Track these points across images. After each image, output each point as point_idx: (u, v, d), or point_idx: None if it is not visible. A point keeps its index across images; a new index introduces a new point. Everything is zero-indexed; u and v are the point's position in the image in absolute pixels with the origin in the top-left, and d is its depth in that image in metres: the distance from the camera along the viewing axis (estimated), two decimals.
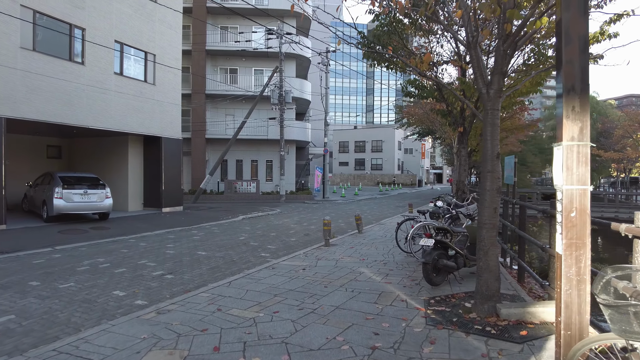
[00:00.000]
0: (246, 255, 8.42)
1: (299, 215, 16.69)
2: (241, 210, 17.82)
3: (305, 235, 11.31)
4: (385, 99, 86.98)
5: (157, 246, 9.36)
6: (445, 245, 5.50)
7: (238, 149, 28.13)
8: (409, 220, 7.93)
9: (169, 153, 16.16)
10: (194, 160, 27.23)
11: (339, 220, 14.98)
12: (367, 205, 23.35)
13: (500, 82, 4.23)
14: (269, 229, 12.52)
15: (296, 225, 13.55)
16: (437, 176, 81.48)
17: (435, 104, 10.67)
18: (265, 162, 28.68)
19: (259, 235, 11.17)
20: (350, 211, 19.17)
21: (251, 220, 14.97)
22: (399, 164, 61.89)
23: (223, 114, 28.51)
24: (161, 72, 15.77)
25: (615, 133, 30.64)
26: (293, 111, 28.35)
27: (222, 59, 28.71)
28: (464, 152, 9.53)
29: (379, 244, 9.34)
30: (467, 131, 9.48)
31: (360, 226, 11.12)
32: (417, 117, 24.91)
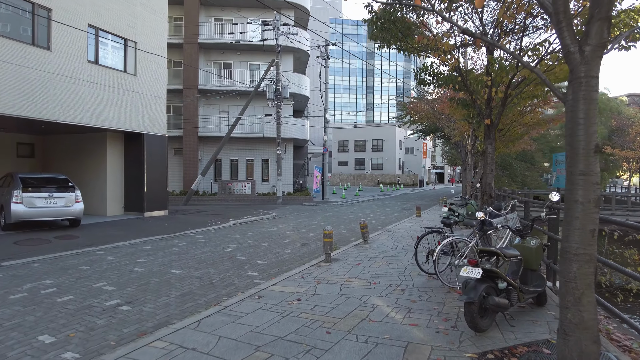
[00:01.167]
0: (229, 274, 6.88)
1: (296, 220, 15.16)
2: (233, 214, 16.29)
3: (303, 245, 9.79)
4: (385, 97, 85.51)
5: (126, 261, 7.83)
6: (496, 276, 3.97)
7: (233, 147, 26.60)
8: (432, 233, 6.39)
9: (152, 151, 14.62)
10: (186, 160, 25.70)
11: (341, 226, 13.46)
12: (369, 208, 21.84)
13: (604, 32, 2.69)
14: (262, 237, 10.98)
15: (293, 232, 12.02)
16: (438, 176, 79.99)
17: (455, 93, 9.15)
18: (261, 161, 27.15)
19: (248, 245, 9.64)
20: (352, 215, 17.65)
21: (243, 226, 13.44)
22: (399, 163, 60.40)
23: (217, 110, 26.98)
24: (143, 61, 14.22)
25: (632, 130, 29.16)
26: (291, 108, 26.82)
27: (216, 52, 27.17)
28: (491, 148, 8.01)
29: (390, 258, 7.81)
30: (494, 124, 7.98)
31: (366, 235, 9.61)
32: (423, 114, 23.41)
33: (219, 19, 26.78)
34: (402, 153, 62.16)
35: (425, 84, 9.23)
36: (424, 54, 8.18)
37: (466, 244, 5.66)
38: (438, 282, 5.94)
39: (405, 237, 10.60)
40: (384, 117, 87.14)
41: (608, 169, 36.34)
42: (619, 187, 43.74)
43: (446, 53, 7.21)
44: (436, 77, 8.97)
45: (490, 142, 7.98)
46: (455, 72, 7.97)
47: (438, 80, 9.03)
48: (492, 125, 7.90)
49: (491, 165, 8.04)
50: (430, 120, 25.20)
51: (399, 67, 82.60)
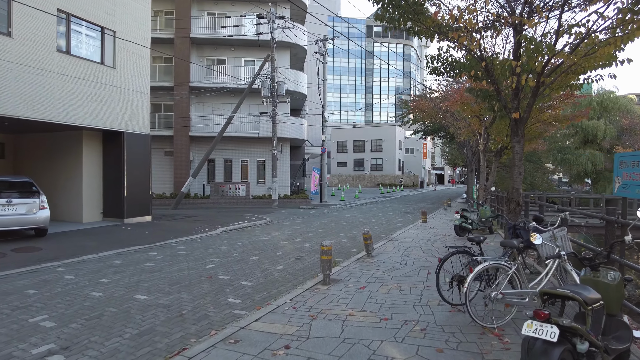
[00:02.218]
0: (205, 302, 5.61)
1: (291, 226, 13.88)
2: (223, 220, 15.01)
3: (297, 259, 8.51)
4: (384, 97, 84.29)
5: (86, 281, 6.56)
6: (574, 333, 2.69)
7: (226, 148, 25.33)
8: (459, 253, 5.10)
9: (134, 151, 13.33)
10: (177, 161, 24.42)
11: (340, 234, 12.18)
12: (370, 211, 20.58)
13: None
14: (251, 248, 9.70)
15: (287, 242, 10.74)
16: (438, 177, 78.82)
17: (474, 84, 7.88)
18: (256, 162, 25.86)
19: (234, 260, 8.36)
20: (353, 220, 16.38)
21: (232, 234, 12.15)
22: (399, 164, 59.17)
23: (210, 109, 25.71)
24: (124, 53, 12.94)
25: None
26: (287, 105, 25.55)
27: (209, 48, 25.89)
28: (519, 146, 6.75)
29: (400, 279, 6.55)
30: (523, 118, 6.72)
31: (369, 247, 8.34)
32: (427, 112, 22.18)
33: (212, 13, 25.51)
34: (401, 153, 60.94)
35: (438, 73, 7.98)
36: (439, 36, 6.93)
37: (505, 270, 4.39)
38: (464, 315, 4.68)
39: (414, 248, 9.34)
40: (383, 117, 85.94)
41: None
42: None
43: (467, 33, 5.97)
44: (451, 65, 7.72)
45: (519, 140, 6.72)
46: (477, 57, 6.72)
47: (454, 69, 7.77)
48: (521, 120, 6.64)
49: (519, 166, 6.78)
50: (434, 119, 23.96)
51: (398, 66, 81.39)
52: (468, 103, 13.11)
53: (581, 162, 31.56)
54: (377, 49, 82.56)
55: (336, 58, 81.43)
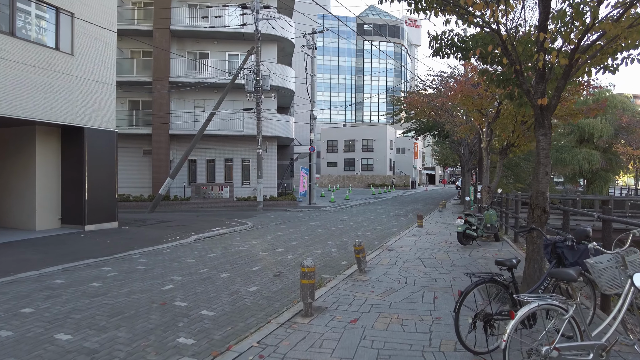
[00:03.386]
0: (146, 345, 4.21)
1: (275, 233, 12.51)
2: (200, 225, 13.58)
3: (276, 276, 7.15)
4: (375, 96, 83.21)
5: (1, 313, 5.13)
6: None
7: (209, 147, 23.88)
8: (485, 283, 3.75)
9: (97, 149, 11.86)
10: (156, 161, 22.87)
11: (329, 242, 10.84)
12: (361, 214, 19.28)
13: None
14: (224, 261, 8.32)
15: (267, 253, 9.37)
16: (429, 177, 78.06)
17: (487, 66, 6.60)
18: (241, 162, 24.42)
19: (200, 279, 6.97)
20: (343, 224, 15.06)
21: (206, 242, 10.75)
22: (390, 164, 58.11)
23: (191, 105, 24.24)
24: (84, 38, 11.46)
25: None
26: (274, 102, 24.17)
27: (191, 41, 24.41)
28: (545, 140, 5.48)
29: (401, 306, 5.23)
30: (552, 105, 5.45)
31: (362, 262, 7.01)
32: (421, 108, 20.97)
33: (194, 4, 24.01)
34: (392, 153, 59.90)
35: (443, 54, 6.67)
36: (447, 9, 5.64)
37: (560, 314, 3.07)
38: None
39: (413, 260, 8.04)
40: (374, 117, 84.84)
41: (612, 170, 34.36)
42: (617, 189, 41.90)
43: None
44: (458, 45, 6.43)
45: (545, 133, 5.45)
46: (494, 31, 5.43)
47: (462, 49, 6.48)
48: (549, 107, 5.37)
49: (545, 165, 5.49)
50: (428, 116, 22.78)
51: (389, 65, 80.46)
52: (469, 95, 11.87)
53: (577, 162, 30.68)
54: (367, 47, 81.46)
55: (326, 56, 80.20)
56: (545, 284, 3.81)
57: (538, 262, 5.54)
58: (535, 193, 5.57)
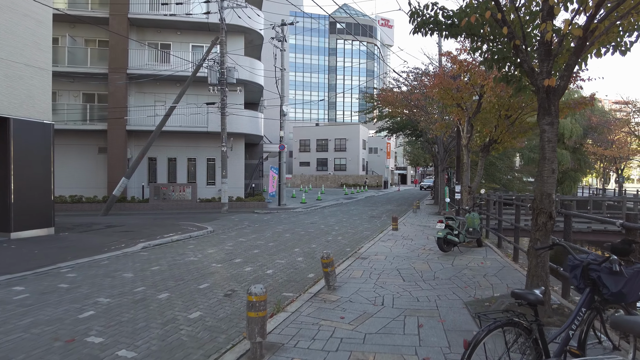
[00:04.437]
0: None
1: (236, 239, 11.22)
2: (152, 231, 12.15)
3: (227, 296, 5.92)
4: (348, 96, 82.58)
5: None
6: None
7: (171, 144, 22.26)
8: (503, 327, 2.63)
9: (27, 144, 10.26)
10: (112, 159, 21.06)
11: (296, 250, 9.66)
12: (333, 216, 18.20)
13: None
14: (167, 277, 7.01)
15: (222, 264, 8.10)
16: (401, 177, 78.14)
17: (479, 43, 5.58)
18: (205, 160, 22.89)
19: (131, 301, 5.66)
20: (313, 227, 13.92)
21: (154, 251, 9.38)
22: (363, 164, 57.45)
23: (151, 99, 22.54)
24: (9, 14, 9.86)
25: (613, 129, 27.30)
26: (240, 96, 22.76)
27: (152, 31, 22.69)
28: (551, 131, 4.49)
29: (379, 340, 4.10)
30: (560, 88, 4.47)
31: (330, 277, 5.88)
32: (395, 105, 20.10)
33: None
34: (365, 153, 59.29)
35: (427, 31, 5.62)
36: None
37: None
38: None
39: (390, 272, 6.97)
40: (347, 117, 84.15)
41: (581, 170, 34.70)
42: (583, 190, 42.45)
43: None
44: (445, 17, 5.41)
45: (551, 121, 4.47)
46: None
47: (449, 28, 5.45)
48: (557, 91, 4.39)
49: (551, 161, 4.50)
50: (402, 114, 21.96)
51: (362, 64, 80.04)
52: (448, 88, 10.97)
53: None
54: (340, 46, 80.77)
55: (298, 54, 78.99)
56: (577, 321, 2.77)
57: (543, 279, 4.56)
58: (539, 195, 4.58)
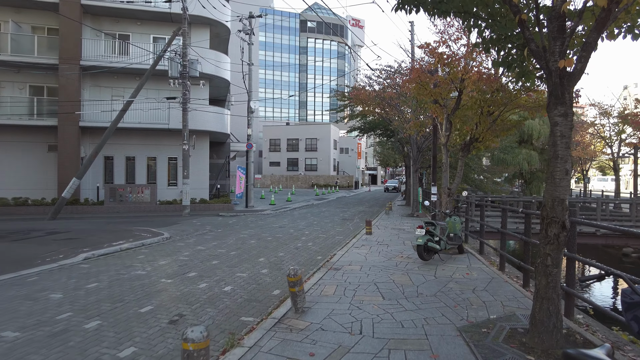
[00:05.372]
0: None
1: (194, 247, 10.09)
2: (100, 238, 10.84)
3: (171, 324, 4.86)
4: (319, 96, 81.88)
5: None
6: None
7: (129, 142, 20.74)
8: None
9: None
10: (63, 158, 19.34)
11: (261, 259, 8.64)
12: (304, 218, 17.26)
13: None
14: (104, 298, 5.86)
15: (172, 280, 7.00)
16: (371, 177, 78.23)
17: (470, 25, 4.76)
18: (167, 160, 21.45)
19: (48, 334, 4.52)
20: (282, 232, 12.92)
21: (97, 263, 8.15)
22: (334, 164, 56.83)
23: (108, 94, 20.93)
24: None
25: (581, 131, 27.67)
26: (205, 91, 21.45)
27: (109, 20, 21.05)
28: (564, 124, 3.73)
29: None
30: (576, 72, 3.69)
31: (298, 298, 4.94)
32: (368, 103, 19.37)
33: None
34: (336, 153, 58.70)
35: (413, 6, 4.76)
36: None
37: None
38: None
39: (367, 287, 6.09)
40: (317, 117, 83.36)
41: (543, 170, 35.14)
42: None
43: None
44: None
45: (565, 112, 3.69)
46: None
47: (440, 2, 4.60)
48: (573, 75, 3.63)
49: (564, 159, 3.73)
50: (375, 112, 21.28)
51: (333, 64, 79.50)
52: (426, 83, 10.25)
53: (518, 162, 30.92)
54: (311, 45, 79.93)
55: (269, 52, 77.60)
56: None
57: (554, 302, 3.77)
58: (549, 201, 3.79)
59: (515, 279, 6.72)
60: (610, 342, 4.18)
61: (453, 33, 9.89)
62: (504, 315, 4.73)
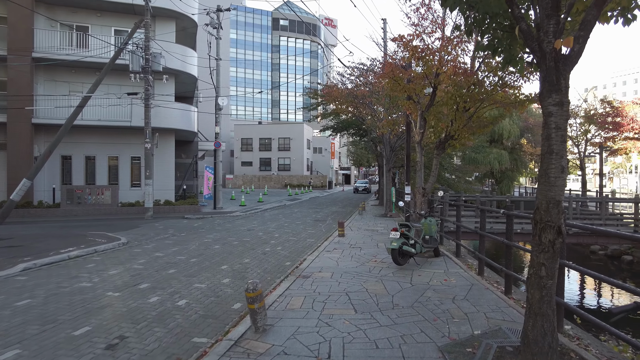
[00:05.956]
0: None
1: (152, 253, 9.27)
2: (48, 244, 9.85)
3: (108, 350, 4.12)
4: (292, 95, 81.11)
5: None
6: None
7: (89, 140, 19.54)
8: None
9: None
10: (13, 157, 17.97)
11: (223, 267, 7.94)
12: (274, 220, 16.58)
13: None
14: (35, 318, 5.05)
15: (121, 294, 6.22)
16: (345, 177, 78.11)
17: None
18: (130, 159, 20.32)
19: None
20: (250, 235, 12.22)
21: (37, 275, 7.25)
22: (308, 164, 56.23)
23: (65, 88, 19.63)
24: None
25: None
26: (170, 87, 20.43)
27: (65, 10, 19.73)
28: (560, 114, 3.25)
29: None
30: (573, 54, 3.22)
31: (258, 315, 4.31)
32: (340, 100, 18.88)
33: None
34: (310, 153, 58.12)
35: None
36: None
37: None
38: None
39: (338, 297, 5.51)
40: (291, 116, 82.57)
41: (517, 169, 35.67)
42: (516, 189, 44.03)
43: None
44: None
45: (560, 101, 3.23)
46: None
47: None
48: (570, 57, 3.17)
49: (559, 155, 3.25)
50: (347, 111, 20.80)
51: (305, 63, 78.89)
52: (399, 78, 9.79)
53: (489, 161, 31.19)
54: (283, 43, 79.05)
55: (240, 49, 76.24)
56: None
57: (549, 319, 3.29)
58: (544, 203, 3.31)
59: (495, 285, 6.30)
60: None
61: (427, 26, 9.47)
62: (489, 330, 4.24)
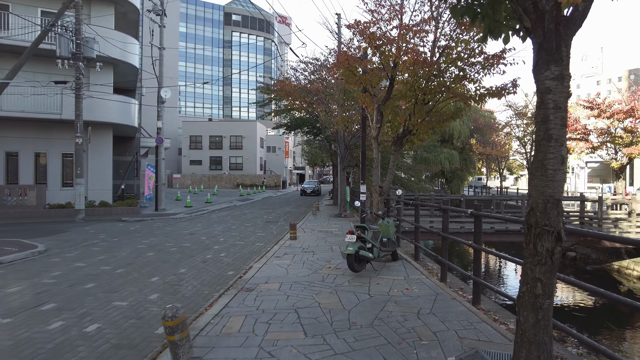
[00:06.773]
0: None
1: (72, 263, 7.95)
2: None
3: None
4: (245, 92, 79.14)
5: None
6: None
7: (10, 134, 17.42)
8: None
9: None
10: None
11: (153, 280, 6.83)
12: (221, 222, 15.43)
13: None
14: None
15: (12, 320, 4.98)
16: (300, 177, 77.42)
17: None
18: (61, 156, 18.32)
19: None
20: (191, 240, 11.07)
21: None
22: (261, 163, 54.88)
23: None
24: None
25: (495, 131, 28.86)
26: (108, 77, 18.64)
27: None
28: (559, 91, 2.58)
29: None
30: (577, 14, 2.57)
31: (181, 348, 3.36)
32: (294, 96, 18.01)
33: None
34: (263, 152, 56.77)
35: None
36: None
37: None
38: None
39: (286, 316, 4.65)
40: (243, 114, 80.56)
41: (467, 169, 36.46)
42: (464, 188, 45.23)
43: None
44: None
45: (560, 74, 2.58)
46: None
47: None
48: (573, 19, 2.54)
49: (559, 142, 2.62)
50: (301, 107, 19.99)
51: (259, 60, 77.23)
52: (355, 68, 9.10)
53: (440, 161, 31.56)
54: (236, 39, 76.95)
55: (190, 43, 73.34)
56: None
57: (547, 348, 2.61)
58: (540, 202, 2.62)
59: (461, 293, 5.70)
60: None
61: (385, 13, 8.83)
62: (464, 355, 3.55)
